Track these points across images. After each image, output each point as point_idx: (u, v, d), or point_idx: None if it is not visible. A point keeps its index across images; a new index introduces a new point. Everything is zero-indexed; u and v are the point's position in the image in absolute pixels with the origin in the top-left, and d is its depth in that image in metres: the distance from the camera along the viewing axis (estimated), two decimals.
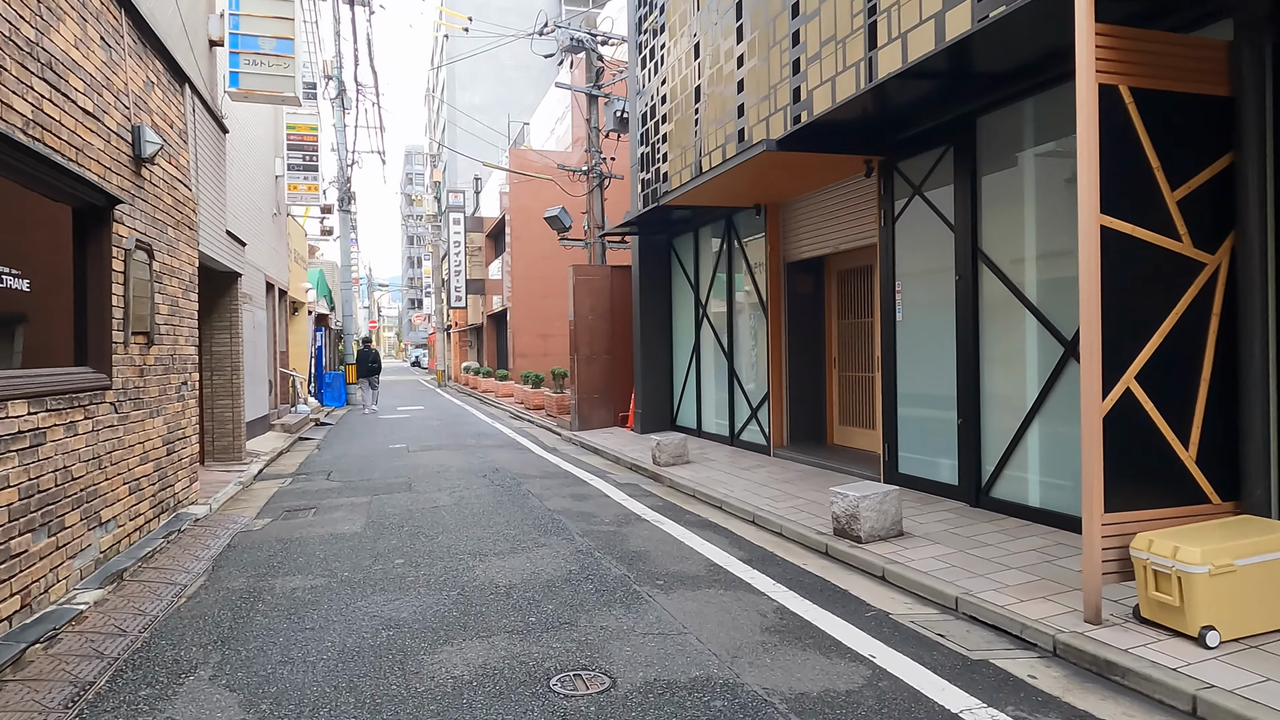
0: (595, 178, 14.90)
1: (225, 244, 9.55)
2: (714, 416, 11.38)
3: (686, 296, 12.25)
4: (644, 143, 12.38)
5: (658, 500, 7.83)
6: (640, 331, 12.82)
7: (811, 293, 9.73)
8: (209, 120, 8.59)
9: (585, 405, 13.85)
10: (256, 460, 10.70)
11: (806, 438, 9.70)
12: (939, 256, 6.72)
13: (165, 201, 6.71)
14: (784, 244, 9.59)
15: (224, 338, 10.18)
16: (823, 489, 7.55)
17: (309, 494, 8.55)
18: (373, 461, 10.97)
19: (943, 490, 6.70)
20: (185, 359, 7.28)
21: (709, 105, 9.90)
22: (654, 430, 12.79)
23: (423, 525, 6.76)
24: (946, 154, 6.60)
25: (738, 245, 10.48)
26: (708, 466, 9.31)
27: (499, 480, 9.07)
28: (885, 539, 5.67)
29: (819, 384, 9.73)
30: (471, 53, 34.23)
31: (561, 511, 7.24)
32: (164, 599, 4.90)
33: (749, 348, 10.33)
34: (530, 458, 11.14)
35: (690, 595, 4.71)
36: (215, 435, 10.17)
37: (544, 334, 28.21)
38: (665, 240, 12.90)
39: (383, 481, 9.19)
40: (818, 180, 8.35)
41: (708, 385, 11.59)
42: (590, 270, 14.00)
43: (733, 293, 10.67)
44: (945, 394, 6.67)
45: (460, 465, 10.35)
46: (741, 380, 10.46)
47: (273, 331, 15.64)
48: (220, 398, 10.17)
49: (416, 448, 12.45)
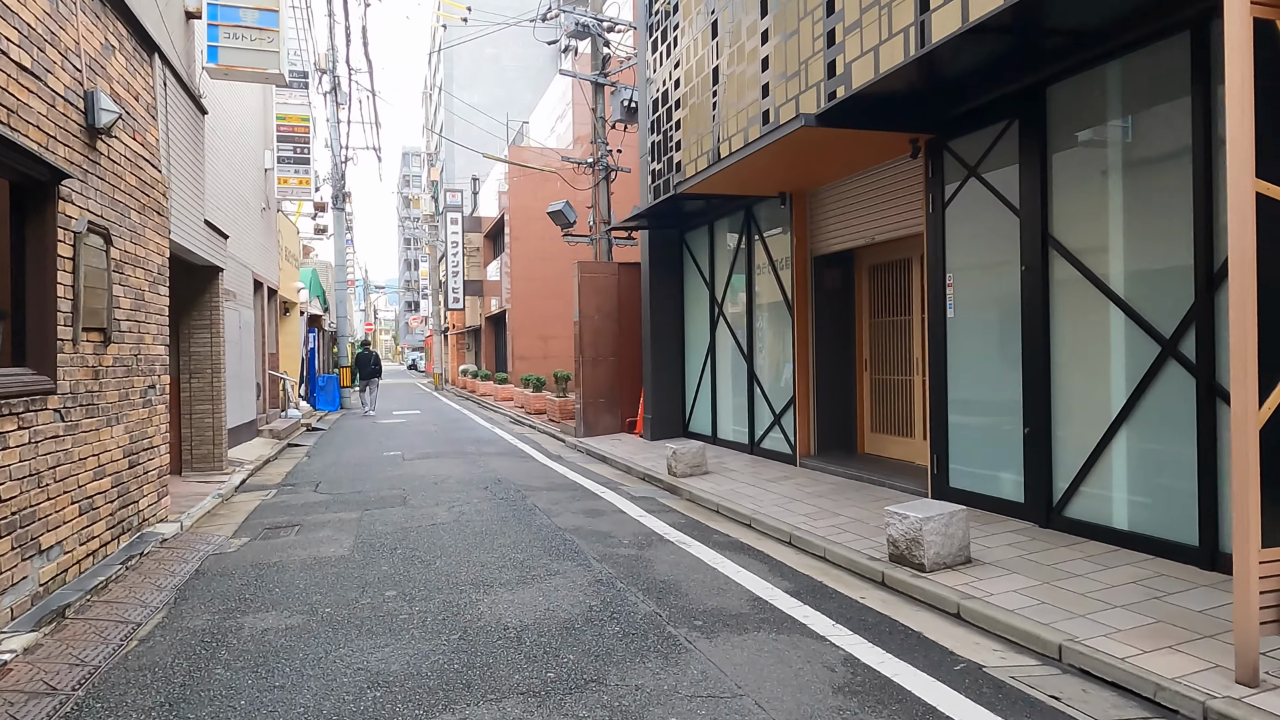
0: (601, 170, 14.15)
1: (204, 235, 8.79)
2: (731, 423, 10.62)
3: (700, 294, 11.51)
4: (655, 131, 11.64)
5: (679, 517, 7.06)
6: (650, 332, 12.07)
7: (841, 289, 8.98)
8: (184, 97, 7.83)
9: (591, 410, 13.09)
10: (239, 470, 9.91)
11: (835, 447, 8.95)
12: (1000, 245, 5.98)
13: (128, 182, 5.94)
14: (811, 236, 8.84)
15: (203, 337, 9.41)
16: (863, 504, 6.80)
17: (293, 508, 7.77)
18: (365, 471, 10.19)
19: (1005, 508, 5.94)
20: (153, 359, 6.51)
21: (729, 87, 9.16)
22: (665, 437, 12.04)
23: (418, 547, 5.99)
24: (1009, 130, 5.86)
25: (758, 238, 9.74)
26: (729, 478, 8.56)
27: (502, 493, 8.31)
28: (951, 567, 4.92)
29: (848, 389, 8.98)
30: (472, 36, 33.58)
31: (573, 530, 6.47)
32: (110, 642, 4.13)
33: (771, 349, 9.58)
34: (534, 467, 10.37)
35: (737, 641, 3.95)
36: (194, 443, 9.39)
37: (544, 336, 27.46)
38: (677, 235, 12.15)
39: (375, 494, 8.41)
40: (853, 163, 7.60)
41: (724, 389, 10.84)
42: (596, 267, 13.25)
43: (753, 290, 9.93)
44: (1008, 400, 5.92)
45: (459, 475, 9.58)
46: (763, 384, 9.71)
47: (261, 332, 14.87)
48: (199, 402, 9.39)
49: (413, 455, 11.67)
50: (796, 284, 8.82)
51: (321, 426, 16.88)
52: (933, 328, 6.65)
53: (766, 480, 8.28)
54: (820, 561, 5.52)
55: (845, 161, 7.53)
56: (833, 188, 8.45)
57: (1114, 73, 5.10)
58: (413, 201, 77.02)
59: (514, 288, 27.43)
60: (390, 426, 16.67)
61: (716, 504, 7.36)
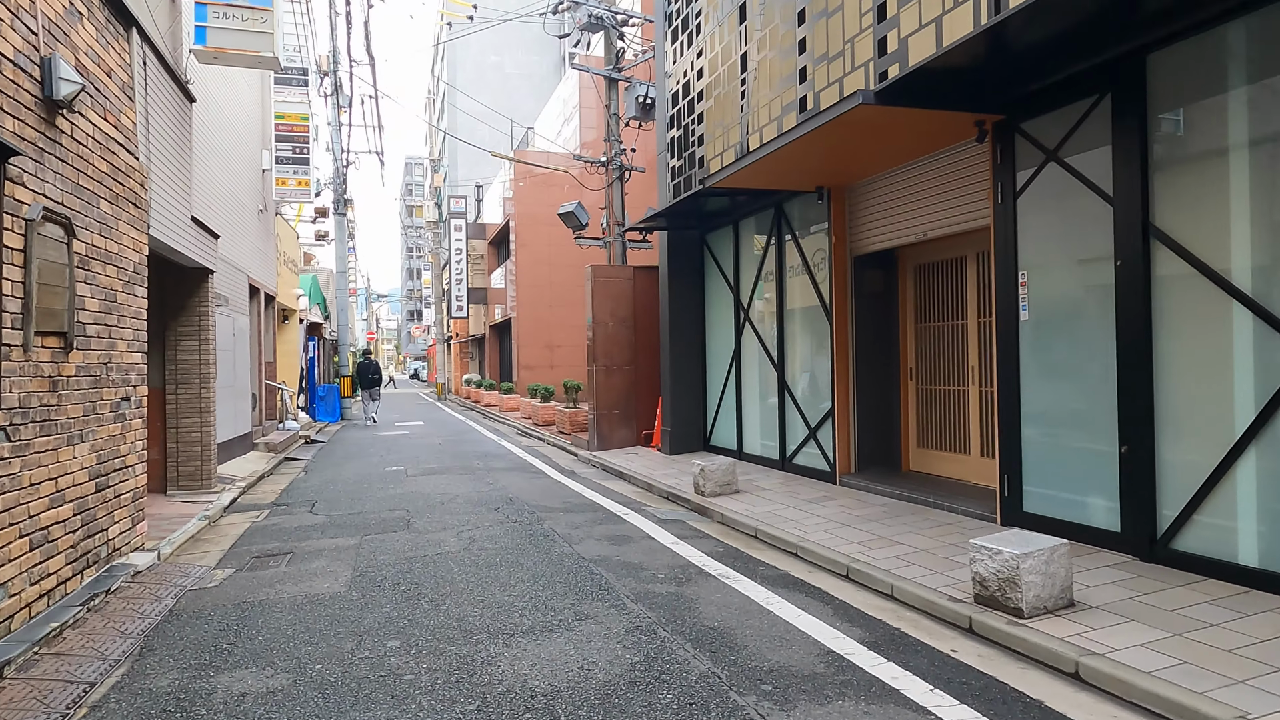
0: (615, 169, 13.47)
1: (191, 233, 8.09)
2: (759, 437, 9.88)
3: (724, 298, 10.79)
4: (674, 126, 10.95)
5: (714, 544, 6.32)
6: (669, 339, 11.35)
7: (883, 292, 8.26)
8: (168, 81, 7.15)
9: (605, 423, 12.36)
10: (229, 488, 9.18)
11: (877, 463, 8.21)
12: (1086, 237, 5.26)
13: (97, 167, 5.24)
14: (851, 234, 8.13)
15: (191, 344, 8.70)
16: (923, 531, 6.05)
17: (286, 533, 7.04)
18: (366, 488, 9.46)
19: (1095, 538, 5.20)
20: (127, 368, 5.80)
21: (760, 74, 8.47)
22: (685, 451, 11.31)
23: (424, 582, 5.26)
24: (1099, 106, 5.15)
25: (790, 237, 9.02)
26: (763, 498, 7.82)
27: (515, 515, 7.57)
28: (1053, 611, 4.17)
29: (891, 400, 8.25)
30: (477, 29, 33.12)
31: (600, 561, 5.73)
32: (53, 711, 3.39)
33: (805, 357, 8.85)
34: (547, 484, 9.63)
35: (820, 714, 3.21)
36: (180, 459, 8.66)
37: (550, 345, 26.78)
38: (697, 236, 11.45)
39: (376, 516, 7.68)
40: (904, 151, 6.89)
41: (751, 400, 10.11)
42: (610, 271, 12.54)
43: (784, 293, 9.21)
44: (1098, 413, 5.19)
45: (467, 494, 8.84)
46: (795, 395, 8.98)
47: (257, 340, 14.16)
48: (186, 415, 8.67)
49: (416, 471, 10.94)
50: (835, 286, 8.10)
51: (321, 439, 16.16)
52: (1002, 332, 5.92)
53: (806, 501, 7.53)
54: (889, 601, 4.78)
55: (895, 149, 6.82)
56: (877, 180, 7.74)
57: (1235, 35, 4.39)
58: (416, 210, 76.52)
59: (519, 295, 26.75)
60: (392, 439, 15.94)
61: (754, 528, 6.62)
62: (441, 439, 15.71)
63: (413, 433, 17.30)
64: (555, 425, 16.29)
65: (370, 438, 16.31)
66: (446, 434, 16.89)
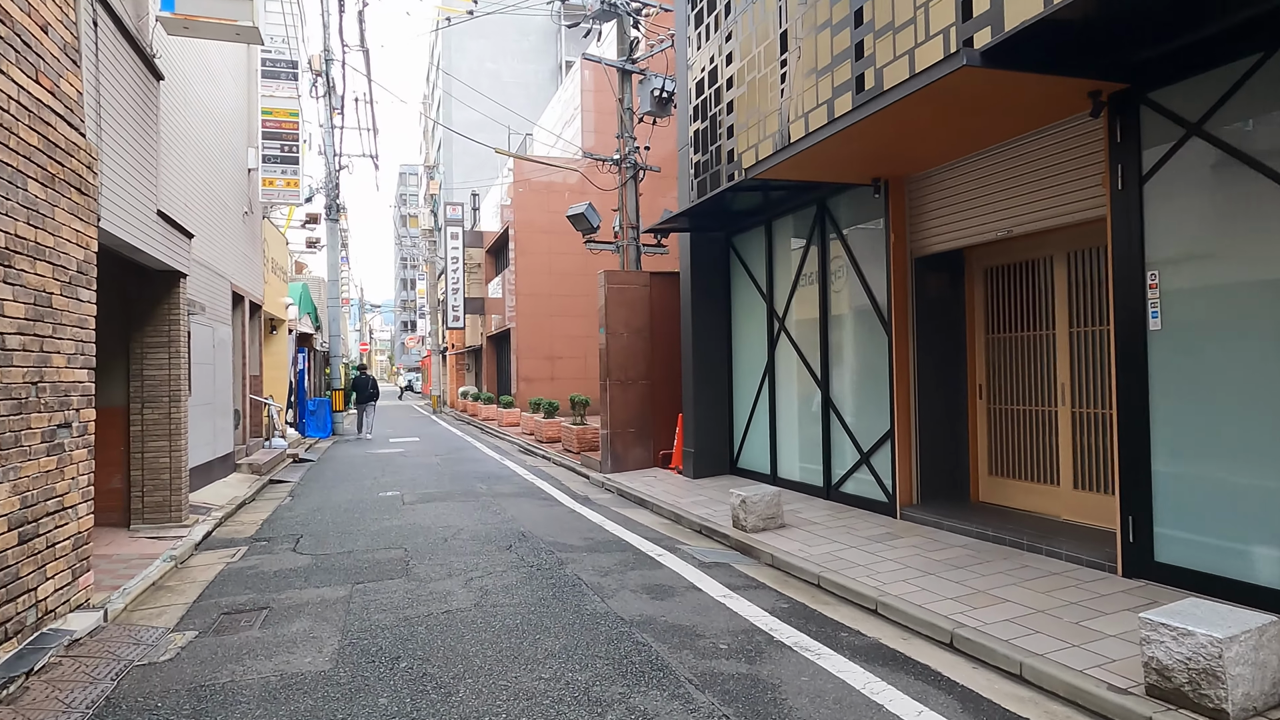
0: (629, 168, 12.49)
1: (157, 230, 7.06)
2: (797, 461, 8.87)
3: (755, 307, 9.80)
4: (698, 118, 9.99)
5: (775, 598, 5.30)
6: (692, 351, 10.34)
7: (948, 298, 7.28)
8: (127, 51, 6.14)
9: (619, 442, 11.33)
10: (204, 519, 8.12)
11: (942, 494, 7.20)
12: (1245, 225, 4.29)
13: (22, 138, 4.23)
14: (912, 232, 7.15)
15: (159, 357, 7.65)
16: (1026, 582, 5.04)
17: (264, 579, 5.98)
18: (358, 519, 8.41)
19: (1264, 599, 4.19)
20: (66, 389, 4.76)
21: (804, 53, 7.51)
22: (709, 474, 10.29)
23: (430, 656, 4.22)
24: (1264, 66, 4.19)
25: (837, 237, 8.05)
26: (815, 534, 6.80)
27: (531, 555, 6.53)
28: (1263, 713, 3.17)
29: (957, 421, 7.25)
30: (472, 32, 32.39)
31: (643, 623, 4.70)
32: None
33: (856, 371, 7.86)
34: (561, 514, 8.59)
35: None
36: (146, 488, 7.60)
37: (551, 356, 25.76)
38: (723, 238, 10.47)
39: (369, 557, 6.63)
40: (991, 131, 5.92)
41: (787, 419, 9.10)
42: (625, 277, 11.55)
43: (828, 299, 8.22)
44: (1264, 444, 4.20)
45: (473, 528, 7.80)
46: (843, 414, 7.97)
47: (241, 351, 13.11)
48: (153, 438, 7.62)
49: (414, 497, 9.88)
50: (894, 291, 7.12)
51: (310, 457, 15.08)
52: (1124, 344, 4.94)
53: (867, 539, 6.52)
54: (1023, 687, 3.76)
55: (979, 129, 5.84)
56: (947, 170, 6.77)
57: None
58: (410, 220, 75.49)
59: (519, 305, 25.74)
60: (386, 457, 14.86)
61: (816, 575, 5.60)
62: (439, 457, 14.64)
63: (408, 450, 16.23)
64: (561, 443, 15.25)
65: (363, 456, 15.23)
66: (444, 451, 15.82)
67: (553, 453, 14.40)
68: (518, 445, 16.80)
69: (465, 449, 16.42)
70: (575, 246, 26.16)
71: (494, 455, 15.04)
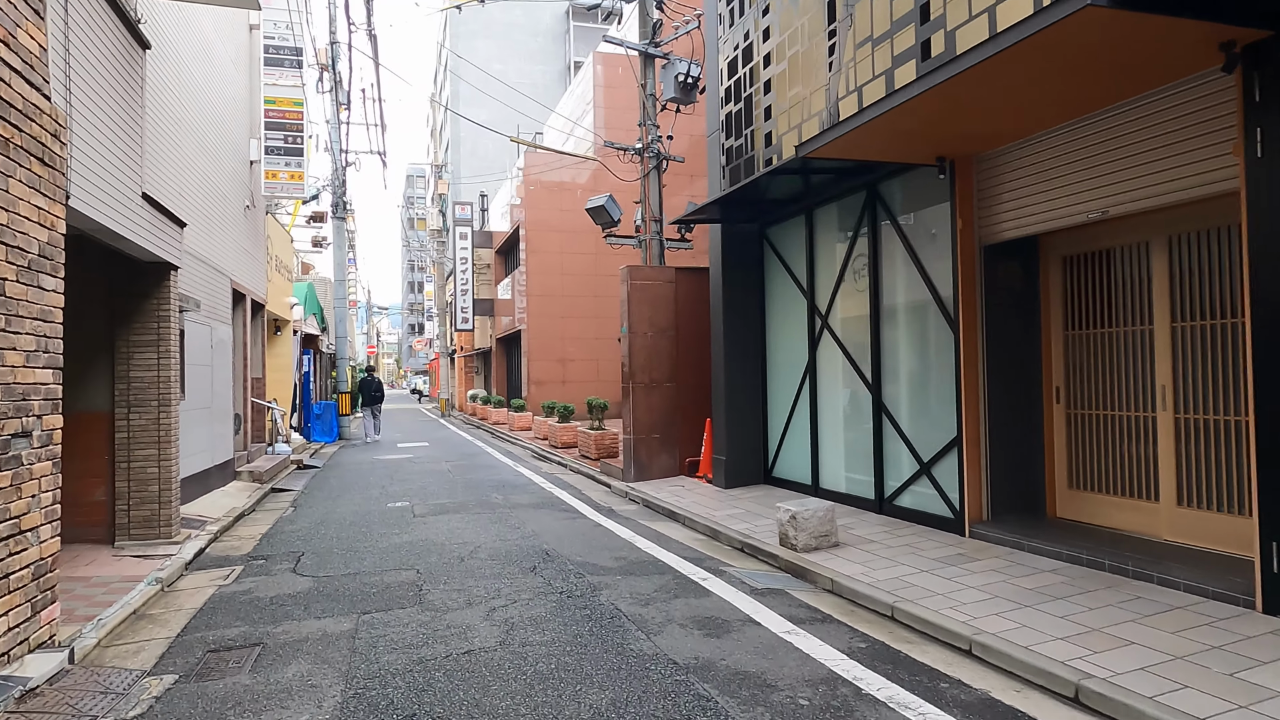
0: (651, 158, 11.78)
1: (142, 215, 6.38)
2: (843, 470, 8.13)
3: (793, 303, 9.07)
4: (731, 99, 9.28)
5: (847, 634, 4.56)
6: (723, 351, 9.61)
7: (1022, 290, 6.54)
8: (106, 10, 5.46)
9: (643, 448, 10.61)
10: (197, 534, 7.44)
11: (1017, 509, 6.46)
12: None
13: None
14: (981, 216, 6.42)
15: (148, 357, 6.98)
16: (1144, 618, 4.29)
17: (259, 607, 5.29)
18: (364, 534, 7.71)
19: None
20: (25, 391, 4.07)
21: (858, 21, 6.80)
22: (742, 484, 9.55)
23: (451, 713, 3.50)
24: None
25: (891, 223, 7.32)
26: (875, 555, 6.07)
27: (559, 579, 5.81)
28: None
29: (1032, 427, 6.51)
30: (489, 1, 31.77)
31: (700, 668, 3.97)
32: None
33: (914, 371, 7.12)
34: (586, 528, 7.88)
35: None
36: (133, 501, 6.92)
37: (562, 359, 25.07)
38: (756, 230, 9.75)
39: (377, 579, 5.92)
40: (1088, 95, 5.17)
41: (831, 425, 8.36)
42: (649, 273, 10.84)
43: (879, 294, 7.49)
44: None
45: (492, 544, 7.09)
46: (898, 420, 7.24)
47: (243, 352, 12.46)
48: (141, 445, 6.94)
49: (425, 509, 9.18)
50: (961, 283, 6.38)
51: (315, 463, 14.40)
52: (1265, 340, 4.19)
53: (936, 561, 5.78)
54: None
55: (1073, 93, 5.10)
56: (1026, 145, 6.03)
57: None
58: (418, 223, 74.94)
59: (529, 306, 25.07)
60: (395, 464, 14.17)
61: (890, 606, 4.87)
62: (450, 464, 13.94)
63: (417, 456, 15.53)
64: (578, 448, 14.54)
65: (370, 462, 14.54)
66: (455, 458, 15.12)
67: (569, 459, 13.69)
68: (531, 451, 16.10)
69: (477, 455, 15.71)
70: (587, 246, 25.50)
71: (507, 462, 14.33)
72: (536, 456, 15.31)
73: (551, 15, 53.77)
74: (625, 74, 26.47)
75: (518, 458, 15.07)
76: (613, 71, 26.08)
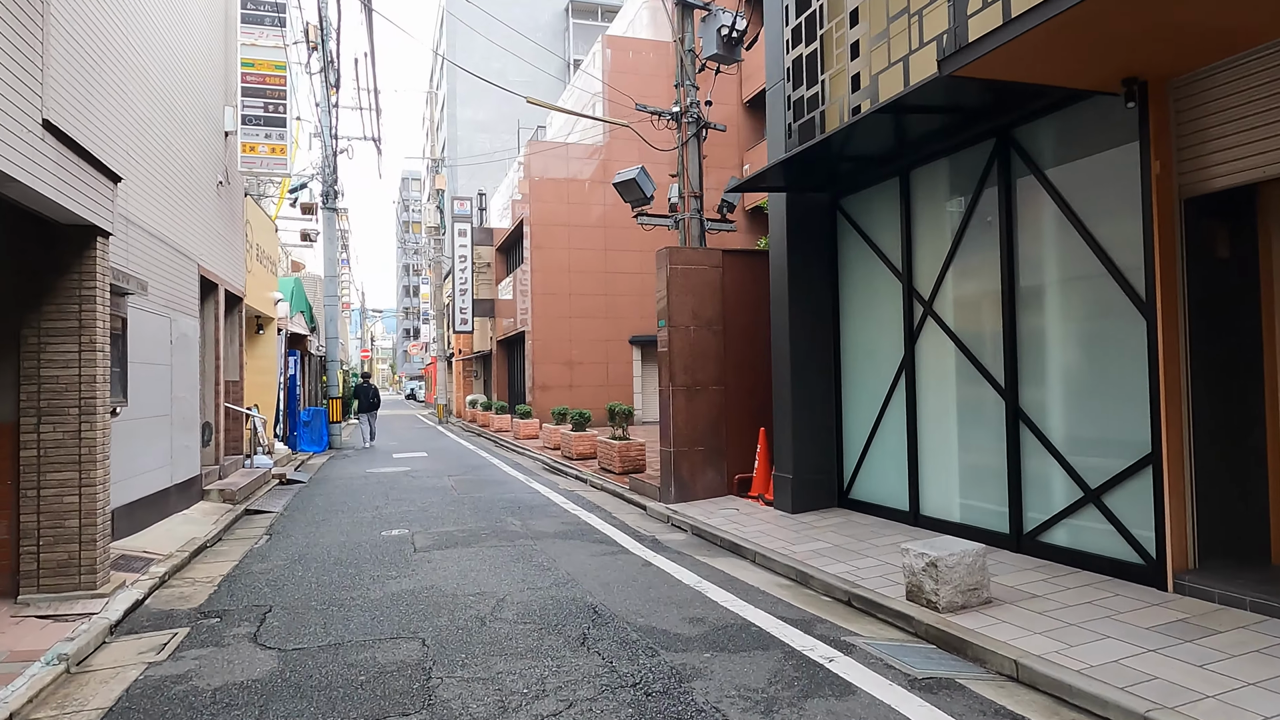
0: (690, 123, 10.13)
1: (45, 153, 4.69)
2: (956, 494, 6.47)
3: (880, 287, 7.42)
4: (802, 40, 7.64)
5: None
6: (789, 347, 7.95)
7: (1235, 257, 4.90)
8: None
9: (685, 463, 8.94)
10: (137, 578, 5.75)
11: (1229, 551, 4.80)
12: None
13: None
14: (1182, 160, 4.78)
15: (65, 350, 5.29)
16: None
17: (195, 710, 3.60)
18: (353, 576, 6.02)
19: None
20: None
21: None
22: (811, 507, 7.89)
23: None
24: None
25: (1036, 177, 5.68)
26: (1052, 618, 4.41)
27: (623, 656, 4.13)
28: None
29: (1250, 442, 4.86)
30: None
31: None
32: None
33: (1075, 369, 5.46)
34: (632, 568, 6.20)
35: None
36: (43, 540, 5.22)
37: (570, 361, 23.40)
38: (827, 201, 8.10)
39: (367, 658, 4.24)
40: None
41: (937, 437, 6.70)
42: (691, 256, 9.18)
43: (1015, 268, 5.85)
44: None
45: (519, 596, 5.40)
46: (1046, 431, 5.58)
47: (214, 351, 10.75)
48: (55, 467, 5.24)
49: (428, 539, 7.49)
50: (1159, 247, 4.73)
51: (300, 477, 12.68)
52: None
53: (1154, 632, 4.12)
54: None
55: None
56: (1250, 58, 4.39)
57: None
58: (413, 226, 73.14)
59: (534, 305, 23.40)
60: (391, 478, 12.45)
61: (1141, 715, 3.21)
62: (454, 479, 12.22)
63: (416, 469, 13.81)
64: (597, 460, 12.85)
65: (362, 476, 12.82)
66: (459, 471, 13.41)
67: (588, 472, 12.00)
68: (542, 462, 14.40)
69: (483, 467, 14.00)
70: (596, 241, 23.85)
71: (518, 476, 12.63)
72: (549, 469, 13.62)
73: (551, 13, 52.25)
74: (635, 59, 24.88)
75: (528, 471, 13.37)
76: (622, 57, 24.49)
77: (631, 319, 23.77)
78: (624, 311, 23.79)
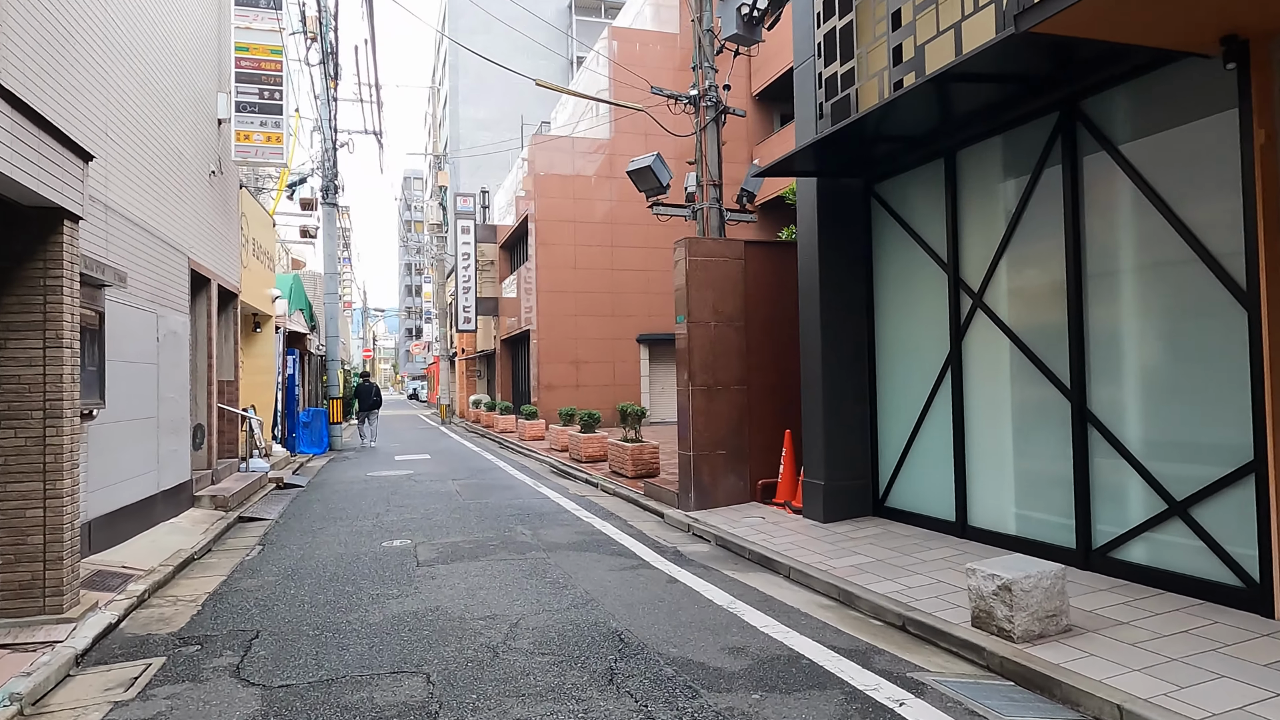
0: (709, 107, 9.57)
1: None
2: (1011, 503, 5.90)
3: (921, 277, 6.85)
4: (836, 12, 7.08)
5: None
6: (821, 344, 7.39)
7: None
8: None
9: (706, 468, 8.38)
10: (112, 597, 5.21)
11: None
12: None
13: None
14: None
15: (28, 346, 4.74)
16: None
17: None
18: (349, 595, 5.47)
19: None
20: None
21: None
22: (845, 516, 7.33)
23: None
24: None
25: (1109, 153, 5.11)
26: (1146, 651, 3.85)
27: (659, 698, 3.58)
28: None
29: None
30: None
31: None
32: None
33: (1155, 366, 4.89)
34: (656, 585, 5.64)
35: None
36: (2, 560, 4.67)
37: (576, 361, 22.85)
38: (860, 187, 7.53)
39: (364, 698, 3.68)
40: None
41: (988, 440, 6.14)
42: (712, 247, 8.62)
43: (1082, 254, 5.28)
44: None
45: (535, 620, 4.85)
46: (1121, 436, 5.02)
47: (206, 349, 10.21)
48: (15, 478, 4.70)
49: (433, 551, 6.93)
50: (1264, 229, 4.17)
51: (298, 481, 12.15)
52: None
53: (1266, 667, 3.56)
54: None
55: None
56: None
57: None
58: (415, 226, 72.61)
59: (539, 303, 22.84)
60: (392, 482, 11.90)
61: None
62: (459, 483, 11.67)
63: (418, 472, 13.26)
64: (608, 463, 12.29)
65: (363, 480, 12.27)
66: (463, 474, 12.85)
67: (598, 476, 11.44)
68: (549, 465, 13.85)
69: (488, 470, 13.45)
70: (602, 238, 23.28)
71: (525, 480, 12.07)
72: (557, 472, 13.07)
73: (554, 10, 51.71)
74: (642, 51, 24.31)
75: (536, 474, 12.82)
76: (629, 49, 23.93)
77: (639, 317, 23.23)
78: (631, 309, 23.24)
